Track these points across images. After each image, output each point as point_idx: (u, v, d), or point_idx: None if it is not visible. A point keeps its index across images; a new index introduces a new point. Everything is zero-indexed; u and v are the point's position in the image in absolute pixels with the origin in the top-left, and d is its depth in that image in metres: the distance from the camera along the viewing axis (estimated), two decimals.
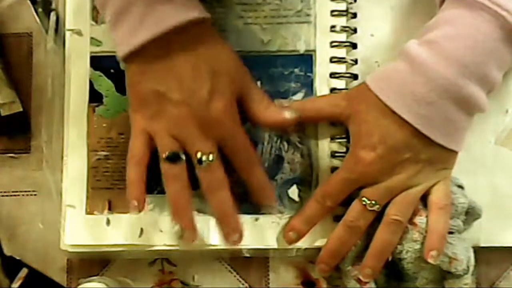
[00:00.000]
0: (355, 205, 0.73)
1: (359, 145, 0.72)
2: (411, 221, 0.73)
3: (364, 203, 0.72)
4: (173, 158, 0.71)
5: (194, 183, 0.73)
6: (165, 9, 0.68)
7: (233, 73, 0.72)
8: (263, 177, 0.75)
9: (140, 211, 0.73)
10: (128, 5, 0.69)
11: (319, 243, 0.76)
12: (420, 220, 0.73)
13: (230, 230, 0.74)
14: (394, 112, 0.70)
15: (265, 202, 0.76)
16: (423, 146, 0.71)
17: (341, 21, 0.78)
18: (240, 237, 0.74)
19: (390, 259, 0.73)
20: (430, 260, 0.71)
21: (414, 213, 0.73)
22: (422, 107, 0.69)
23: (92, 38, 0.78)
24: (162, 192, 0.76)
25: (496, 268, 0.79)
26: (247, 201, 0.75)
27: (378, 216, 0.73)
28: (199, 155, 0.71)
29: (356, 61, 0.78)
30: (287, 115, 0.74)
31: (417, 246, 0.72)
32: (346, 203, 0.74)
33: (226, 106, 0.71)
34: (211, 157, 0.71)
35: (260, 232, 0.76)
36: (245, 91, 0.73)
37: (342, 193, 0.73)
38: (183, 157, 0.71)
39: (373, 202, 0.72)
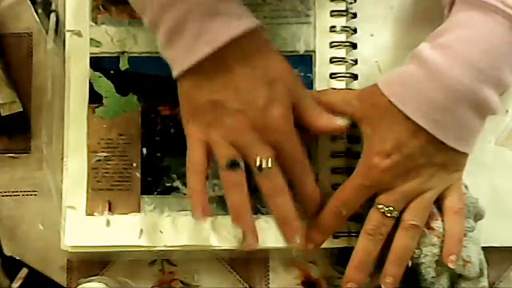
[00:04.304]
0: (373, 214, 0.73)
1: (372, 150, 0.72)
2: (428, 226, 0.73)
3: (382, 210, 0.72)
4: (233, 165, 0.71)
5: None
6: (218, 23, 0.68)
7: (288, 80, 0.72)
8: (314, 187, 0.74)
9: (205, 219, 0.72)
10: (182, 23, 0.69)
11: None
12: (437, 224, 0.73)
13: (292, 234, 0.73)
14: (408, 118, 0.70)
15: (314, 208, 0.75)
16: (437, 151, 0.70)
17: (341, 21, 0.78)
18: (302, 239, 0.73)
19: (410, 264, 0.73)
20: (450, 265, 0.71)
21: (430, 217, 0.73)
22: (438, 113, 0.69)
23: (91, 39, 0.78)
24: (162, 193, 0.77)
25: (496, 268, 0.79)
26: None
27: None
28: (258, 160, 0.71)
29: (356, 61, 0.78)
30: (340, 122, 0.73)
31: (435, 250, 0.72)
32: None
33: (283, 113, 0.71)
34: (270, 162, 0.71)
35: (260, 232, 0.76)
36: (299, 98, 0.73)
37: (357, 201, 0.73)
38: (242, 164, 0.71)
39: (391, 208, 0.72)
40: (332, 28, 0.78)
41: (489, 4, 0.68)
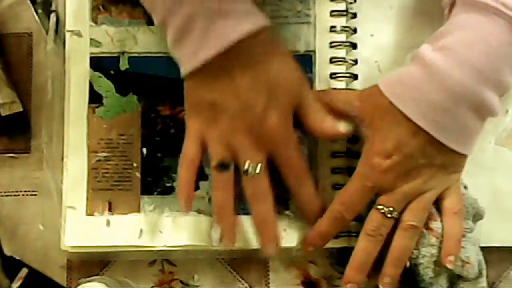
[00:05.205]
0: (373, 214, 0.73)
1: (373, 151, 0.72)
2: (427, 226, 0.73)
3: (382, 211, 0.72)
4: (222, 166, 0.72)
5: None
6: (226, 23, 0.68)
7: (291, 85, 0.72)
8: (311, 192, 0.75)
9: (187, 209, 0.74)
10: (190, 22, 0.69)
11: None
12: (436, 225, 0.73)
13: (268, 240, 0.74)
14: (409, 119, 0.70)
15: (311, 216, 0.75)
16: (437, 152, 0.71)
17: (341, 21, 0.78)
18: (277, 247, 0.74)
19: (408, 265, 0.73)
20: (449, 265, 0.72)
21: (429, 218, 0.73)
22: (438, 114, 0.69)
23: (91, 39, 0.78)
24: (162, 193, 0.77)
25: (496, 268, 0.79)
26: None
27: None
28: (246, 165, 0.71)
29: (356, 61, 0.78)
30: (342, 128, 0.74)
31: (434, 251, 0.72)
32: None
33: (281, 120, 0.71)
34: (258, 168, 0.71)
35: None
36: (302, 101, 0.73)
37: (360, 203, 0.73)
38: (232, 166, 0.72)
39: (391, 209, 0.72)
40: (332, 28, 0.78)
41: (489, 6, 0.68)
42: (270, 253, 0.74)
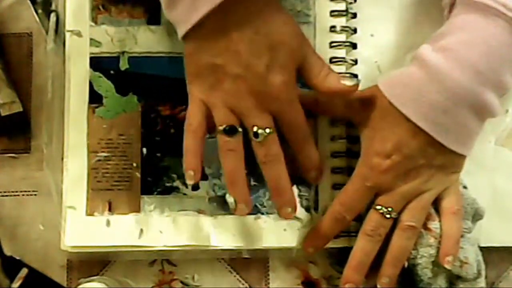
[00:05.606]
0: (372, 215, 0.73)
1: (372, 151, 0.72)
2: (425, 227, 0.73)
3: (381, 211, 0.72)
4: (230, 131, 0.70)
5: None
6: None
7: (292, 45, 0.70)
8: (314, 154, 0.74)
9: (196, 181, 0.72)
10: None
11: None
12: (434, 225, 0.73)
13: (284, 203, 0.73)
14: (408, 120, 0.70)
15: (313, 179, 0.76)
16: (436, 152, 0.71)
17: (341, 21, 0.78)
18: (294, 210, 0.73)
19: (406, 265, 0.73)
20: (447, 266, 0.72)
21: (427, 218, 0.73)
22: (438, 115, 0.69)
23: (91, 39, 0.78)
24: (162, 193, 0.77)
25: (496, 268, 0.79)
26: None
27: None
28: (255, 128, 0.70)
29: (356, 61, 0.78)
30: (348, 82, 0.72)
31: (432, 251, 0.73)
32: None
33: (284, 80, 0.70)
34: (267, 130, 0.70)
35: (260, 232, 0.76)
36: (305, 60, 0.72)
37: (360, 203, 0.73)
38: (240, 130, 0.71)
39: (390, 209, 0.72)
40: (332, 28, 0.78)
41: (489, 7, 0.68)
42: (288, 216, 0.73)
